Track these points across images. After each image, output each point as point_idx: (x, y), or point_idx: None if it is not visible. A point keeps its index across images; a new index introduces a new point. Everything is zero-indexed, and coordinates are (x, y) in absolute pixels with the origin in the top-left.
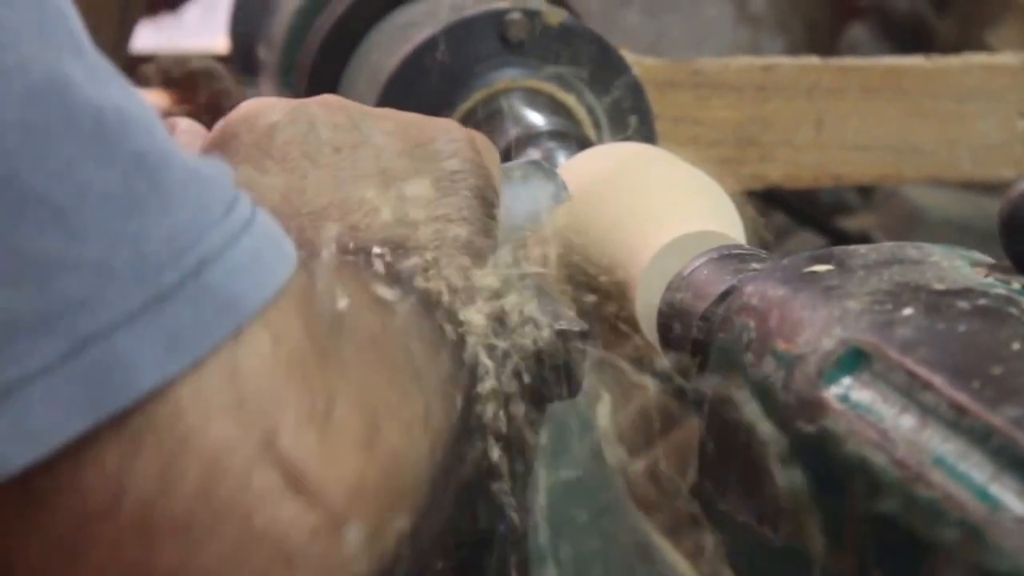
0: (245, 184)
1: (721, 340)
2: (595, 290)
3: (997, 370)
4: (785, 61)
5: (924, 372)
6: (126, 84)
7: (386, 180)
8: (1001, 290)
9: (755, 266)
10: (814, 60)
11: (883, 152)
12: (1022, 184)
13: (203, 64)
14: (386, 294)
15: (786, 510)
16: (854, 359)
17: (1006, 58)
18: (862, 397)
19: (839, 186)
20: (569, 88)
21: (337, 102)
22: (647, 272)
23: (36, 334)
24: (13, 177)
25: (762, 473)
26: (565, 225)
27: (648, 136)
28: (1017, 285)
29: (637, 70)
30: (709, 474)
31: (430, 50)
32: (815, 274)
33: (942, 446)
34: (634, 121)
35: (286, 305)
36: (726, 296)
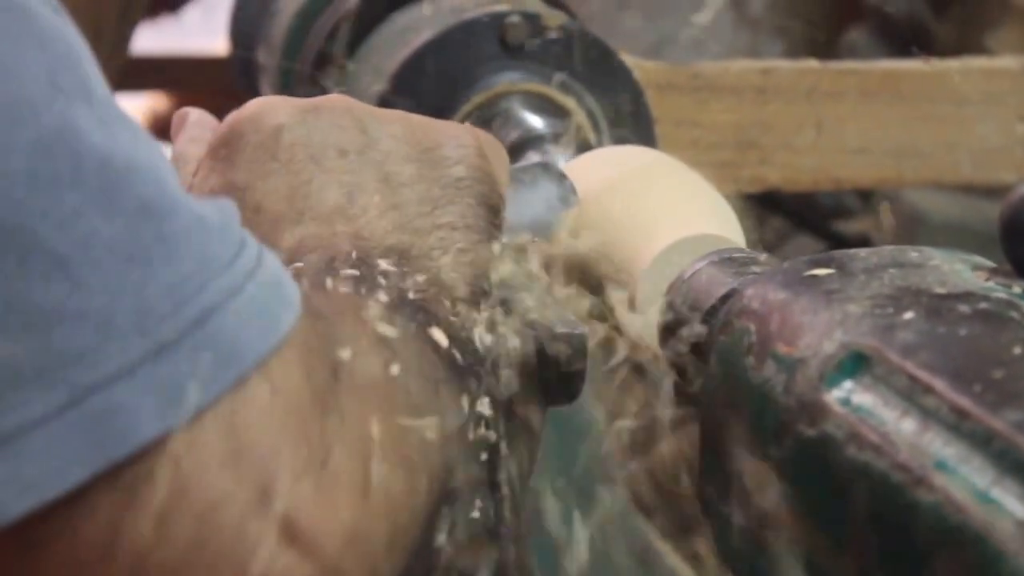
0: (249, 186)
1: (721, 343)
2: (596, 293)
3: (998, 374)
4: (784, 64)
5: (925, 376)
6: (135, 127)
7: (391, 186)
8: (1002, 294)
9: (755, 269)
10: (813, 63)
11: (883, 155)
12: (1022, 188)
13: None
14: (388, 331)
15: (786, 513)
16: (855, 363)
17: (1006, 62)
18: (863, 401)
19: (838, 189)
20: (568, 91)
21: (345, 103)
22: (647, 275)
23: (36, 383)
24: (18, 227)
25: (763, 476)
26: (567, 228)
27: (648, 139)
28: (1018, 289)
29: (637, 73)
30: (710, 477)
31: (430, 53)
32: (816, 278)
33: (943, 450)
34: (633, 124)
35: (287, 354)
36: (726, 299)
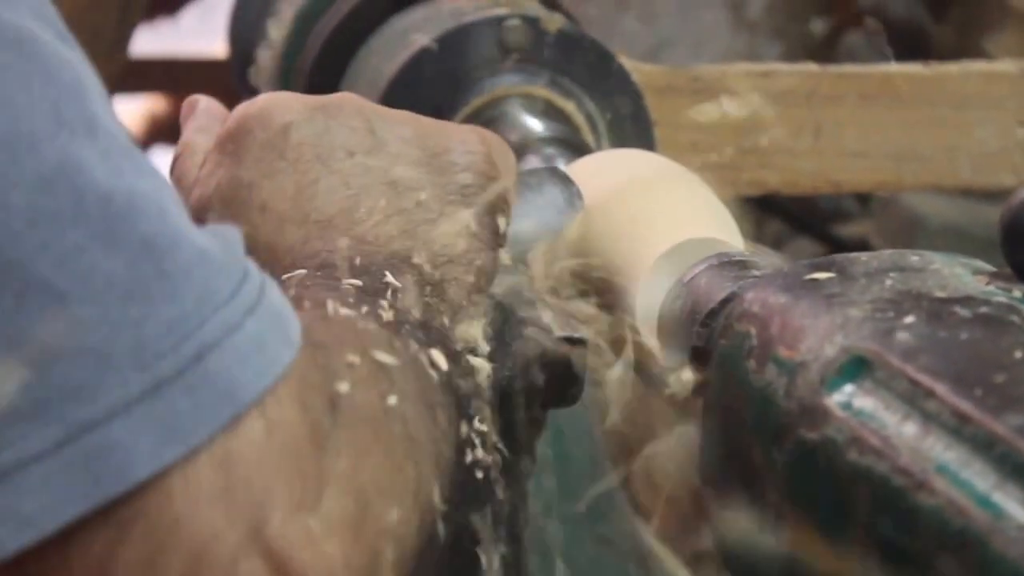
0: (256, 184)
1: (722, 347)
2: (596, 297)
3: (999, 378)
4: (784, 68)
5: (926, 380)
6: (140, 159)
7: (397, 190)
8: (1002, 298)
9: (755, 273)
10: (812, 67)
11: (882, 159)
12: (1022, 193)
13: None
14: (387, 359)
15: (788, 517)
16: (856, 367)
17: (1005, 65)
18: (864, 404)
19: (837, 193)
20: (568, 94)
21: (356, 103)
22: (647, 279)
23: (33, 420)
24: (17, 262)
25: (763, 480)
26: (571, 234)
27: (647, 142)
28: (1018, 293)
29: (636, 76)
30: (710, 481)
31: (429, 56)
32: (816, 281)
33: (945, 454)
34: (633, 127)
35: (284, 390)
36: (726, 303)
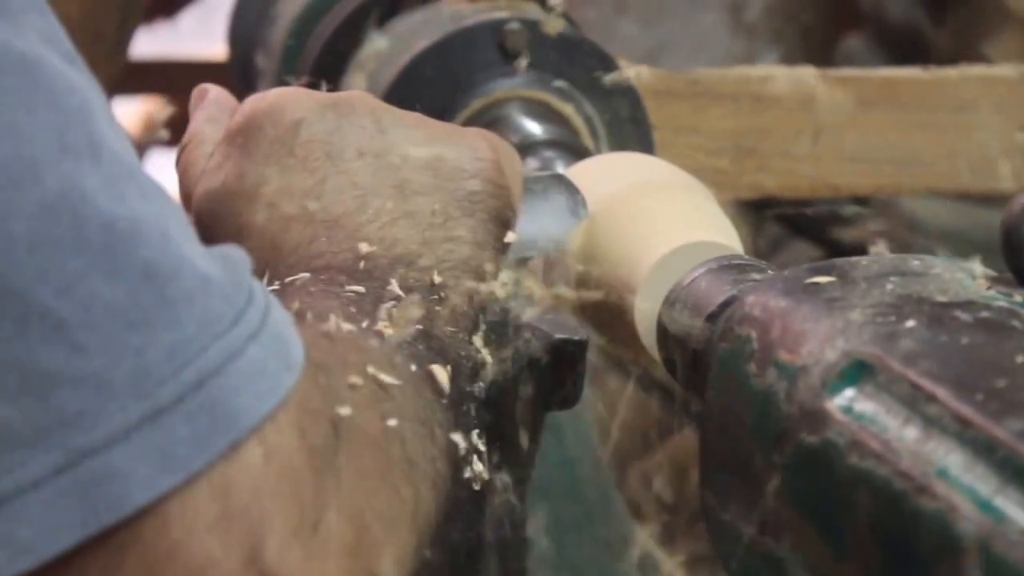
0: (264, 180)
1: (722, 351)
2: (594, 299)
3: (1001, 383)
4: (783, 71)
5: (928, 384)
6: (145, 182)
7: (405, 193)
8: (1003, 303)
9: (755, 276)
10: (812, 71)
11: (881, 163)
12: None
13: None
14: (388, 379)
15: (788, 521)
16: (857, 371)
17: (1005, 70)
18: (865, 408)
19: (836, 197)
20: (567, 98)
21: (368, 102)
22: (646, 282)
23: (31, 446)
24: (17, 290)
25: (763, 484)
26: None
27: (646, 146)
28: (1019, 298)
29: (635, 80)
30: (710, 484)
31: (429, 59)
32: (817, 285)
33: (946, 458)
34: (632, 131)
35: (284, 416)
36: (726, 307)
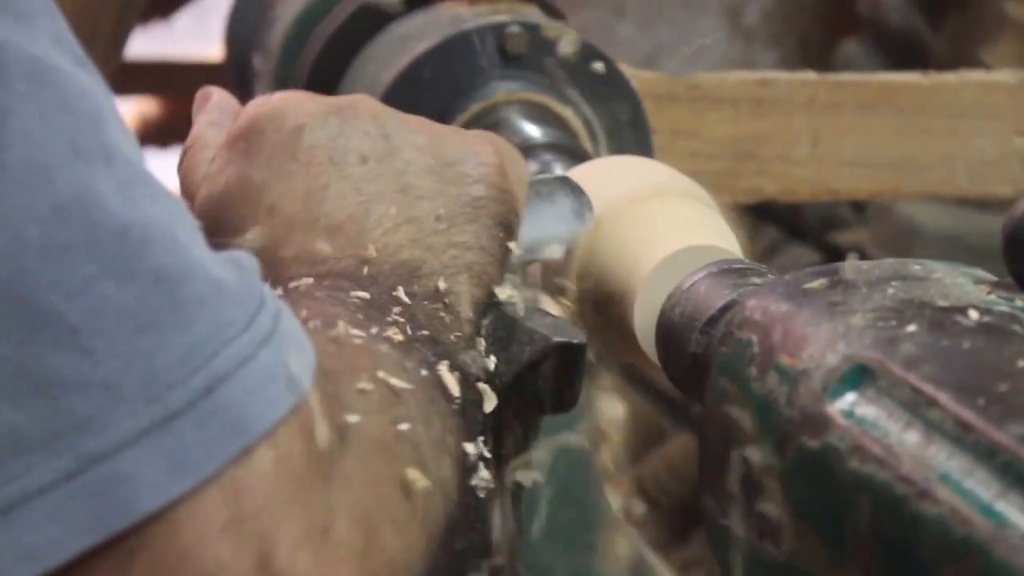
0: (266, 185)
1: (723, 355)
2: (595, 303)
3: (1002, 387)
4: (782, 76)
5: (929, 388)
6: (156, 187)
7: (409, 198)
8: (1004, 307)
9: (755, 280)
10: (811, 75)
11: (880, 168)
12: None
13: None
14: (399, 384)
15: (789, 526)
16: (858, 375)
17: (1003, 75)
18: (867, 413)
19: (835, 201)
20: (567, 101)
21: (371, 107)
22: (646, 286)
23: (41, 451)
24: (29, 295)
25: (764, 488)
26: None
27: (646, 150)
28: (1020, 303)
29: (635, 84)
30: (710, 489)
31: (428, 62)
32: (818, 289)
33: (948, 462)
34: (631, 134)
35: (295, 421)
36: (726, 310)
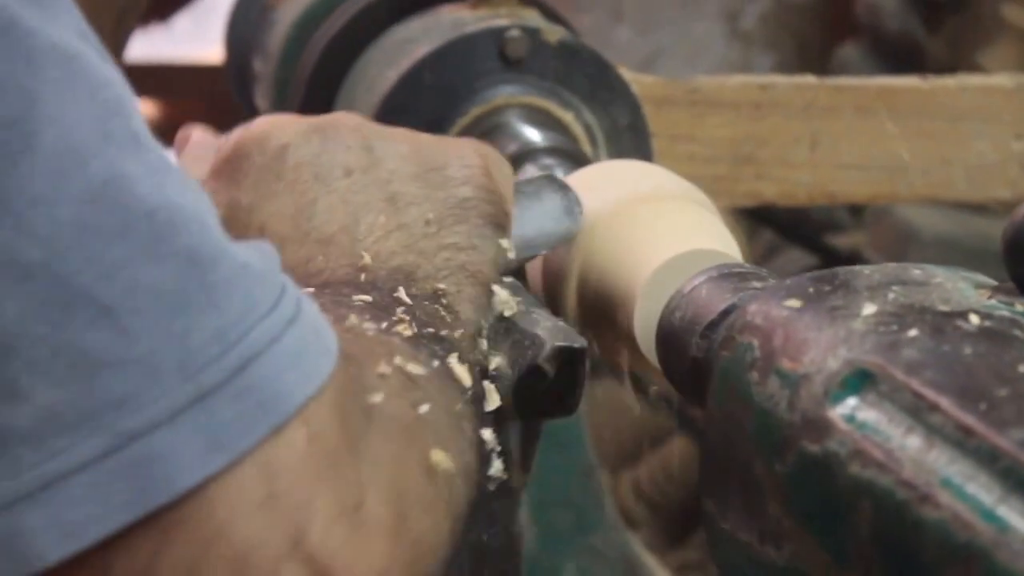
0: (255, 207)
1: (724, 359)
2: (595, 307)
3: (1003, 392)
4: (781, 80)
5: (930, 393)
6: (181, 174)
7: (397, 206)
8: (1005, 312)
9: (755, 284)
10: (810, 79)
11: (878, 171)
12: None
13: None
14: (416, 370)
15: (789, 530)
16: (859, 380)
17: (1001, 79)
18: (868, 417)
19: (833, 204)
20: (567, 105)
21: (352, 122)
22: (646, 290)
23: (79, 429)
24: (65, 276)
25: (764, 492)
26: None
27: (645, 153)
28: (1021, 308)
29: (634, 87)
30: (710, 493)
31: (429, 66)
32: (819, 294)
33: (949, 467)
34: (631, 138)
35: (324, 400)
36: (727, 314)
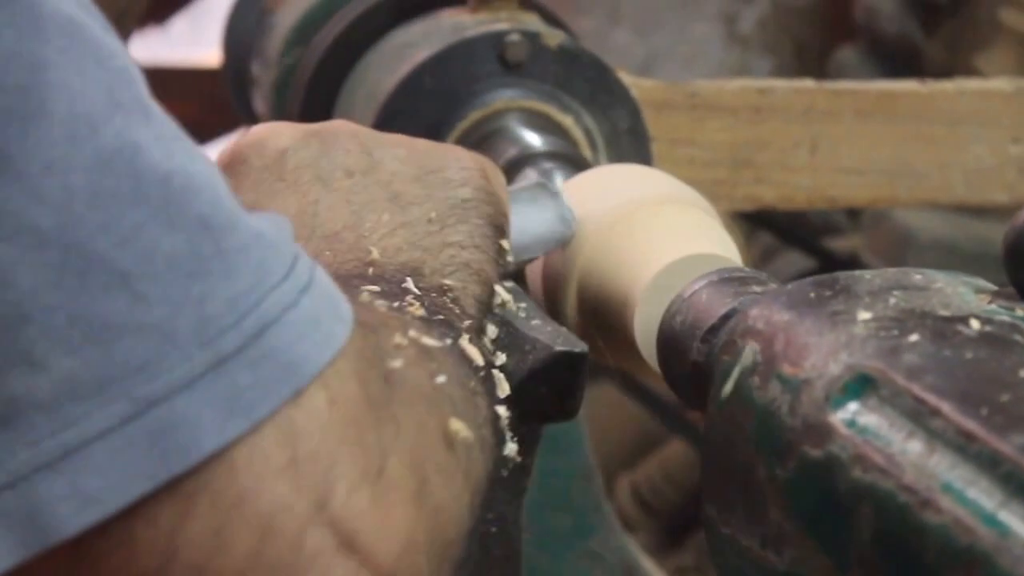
0: (257, 205)
1: (725, 363)
2: (595, 311)
3: (1004, 397)
4: (780, 84)
5: (932, 398)
6: (190, 144)
7: (399, 204)
8: (1006, 317)
9: (756, 289)
10: (809, 83)
11: (877, 175)
12: None
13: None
14: (431, 343)
15: (790, 534)
16: (861, 384)
17: (999, 83)
18: (869, 422)
19: (833, 208)
20: (567, 109)
21: (349, 128)
22: (646, 294)
23: (97, 397)
24: (80, 243)
25: (765, 497)
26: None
27: (645, 157)
28: (1021, 313)
29: (634, 92)
30: (711, 497)
31: (429, 70)
32: (820, 299)
33: (950, 472)
34: (631, 142)
35: (343, 365)
36: (727, 319)
